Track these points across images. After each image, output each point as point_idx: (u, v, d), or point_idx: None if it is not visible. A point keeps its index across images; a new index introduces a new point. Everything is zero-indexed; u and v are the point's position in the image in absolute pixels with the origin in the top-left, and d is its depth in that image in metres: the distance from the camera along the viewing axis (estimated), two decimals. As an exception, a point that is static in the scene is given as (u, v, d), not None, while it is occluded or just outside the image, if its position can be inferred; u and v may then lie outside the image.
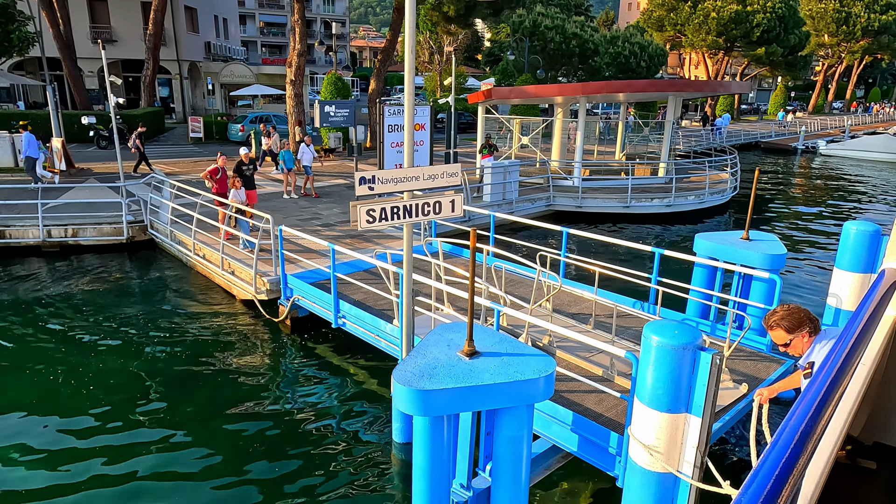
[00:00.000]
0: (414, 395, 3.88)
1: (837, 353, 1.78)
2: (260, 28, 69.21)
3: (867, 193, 23.37)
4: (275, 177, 18.68)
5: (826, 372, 1.65)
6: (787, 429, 1.36)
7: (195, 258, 11.23)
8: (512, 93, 19.14)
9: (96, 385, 7.50)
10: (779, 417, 7.01)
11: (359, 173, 5.24)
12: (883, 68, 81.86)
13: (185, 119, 30.56)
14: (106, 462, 6.00)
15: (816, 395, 1.50)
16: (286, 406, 7.16)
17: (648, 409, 3.84)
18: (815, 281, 12.12)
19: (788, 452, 1.25)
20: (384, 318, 7.53)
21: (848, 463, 3.05)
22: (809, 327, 3.42)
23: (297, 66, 22.32)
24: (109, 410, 6.94)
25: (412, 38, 5.17)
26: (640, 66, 42.19)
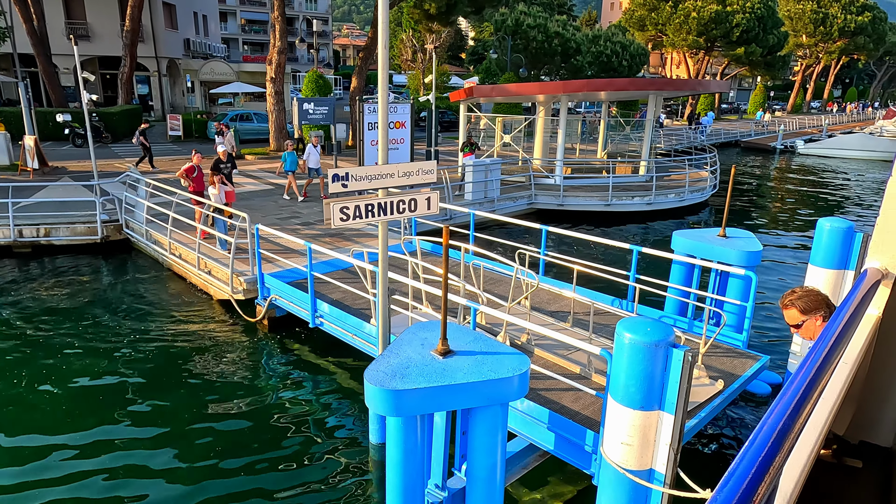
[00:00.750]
0: (386, 395, 3.82)
1: (818, 351, 1.76)
2: (241, 25, 68.49)
3: (844, 192, 23.74)
4: (273, 181, 18.46)
5: (806, 369, 1.64)
6: (766, 426, 1.35)
7: (171, 258, 11.04)
8: (494, 91, 19.12)
9: (67, 388, 7.33)
10: (751, 415, 7.07)
11: (332, 170, 5.16)
12: (859, 68, 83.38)
13: (164, 117, 30.12)
14: (78, 464, 5.85)
15: (796, 393, 1.50)
16: (262, 406, 7.05)
17: (622, 406, 3.82)
18: (790, 277, 12.26)
19: (765, 450, 1.24)
20: (362, 317, 7.46)
21: (834, 462, 3.05)
22: (824, 312, 3.36)
23: (278, 64, 22.10)
24: (81, 412, 6.78)
25: (385, 32, 5.10)
26: (621, 66, 42.46)
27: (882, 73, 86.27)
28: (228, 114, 27.31)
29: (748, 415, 7.08)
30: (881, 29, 62.20)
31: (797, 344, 7.02)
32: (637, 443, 3.79)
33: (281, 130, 23.40)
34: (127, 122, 26.68)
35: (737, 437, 6.69)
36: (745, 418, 7.00)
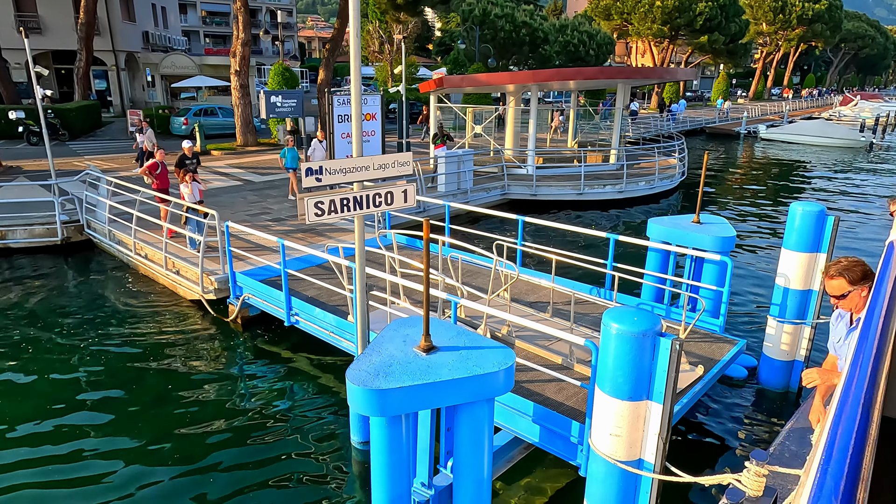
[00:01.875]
0: (369, 395, 3.70)
1: (871, 332, 1.68)
2: (202, 17, 66.75)
3: (806, 175, 24.34)
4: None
5: (865, 354, 1.56)
6: (845, 417, 1.27)
7: (137, 258, 10.66)
8: (464, 81, 18.99)
9: (30, 395, 7.00)
10: (728, 398, 7.15)
11: (305, 164, 4.99)
12: (817, 56, 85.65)
13: (124, 113, 29.15)
14: (43, 471, 5.59)
15: (863, 378, 1.43)
16: (238, 409, 6.85)
17: (609, 397, 3.78)
18: (763, 261, 12.50)
19: (852, 442, 1.17)
20: (339, 314, 7.30)
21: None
22: (870, 284, 3.30)
23: (242, 56, 21.55)
24: (45, 420, 6.48)
25: (357, 21, 4.93)
26: (588, 55, 42.73)
27: (838, 59, 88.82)
28: (192, 108, 26.57)
29: (725, 398, 7.16)
30: (837, 16, 63.94)
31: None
32: (626, 433, 3.76)
33: (247, 125, 22.88)
34: (84, 119, 25.73)
35: (715, 421, 6.76)
36: (723, 402, 7.08)
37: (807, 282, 6.77)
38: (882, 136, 38.33)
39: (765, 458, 3.22)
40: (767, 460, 3.27)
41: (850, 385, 1.38)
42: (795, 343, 7.04)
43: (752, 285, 10.98)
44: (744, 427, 6.63)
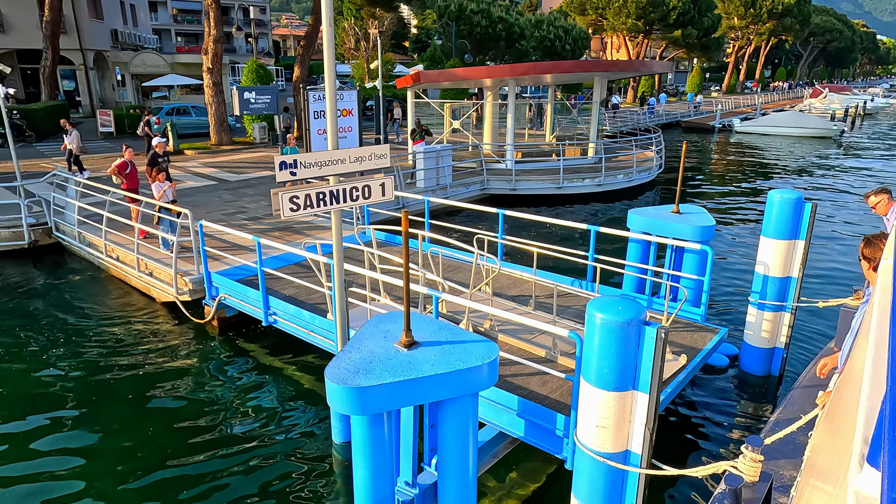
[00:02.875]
0: (349, 393, 3.59)
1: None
2: (174, 15, 65.44)
3: (779, 164, 24.71)
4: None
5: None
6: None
7: (108, 261, 10.36)
8: (441, 76, 18.86)
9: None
10: (713, 388, 7.16)
11: (279, 158, 4.84)
12: (787, 49, 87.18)
13: (94, 113, 28.45)
14: (17, 480, 5.36)
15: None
16: (217, 411, 6.67)
17: (595, 388, 3.71)
18: (743, 250, 12.61)
19: None
20: (318, 312, 7.15)
21: None
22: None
23: (214, 54, 21.13)
24: (14, 426, 6.23)
25: (329, 11, 4.79)
26: (564, 50, 42.88)
27: (808, 53, 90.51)
28: (164, 107, 26.01)
29: (708, 386, 7.18)
30: (806, 11, 65.08)
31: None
32: (612, 425, 3.70)
33: (221, 123, 22.46)
34: (52, 119, 25.03)
35: (699, 409, 6.77)
36: (706, 390, 7.10)
37: (786, 269, 6.81)
38: (851, 127, 39.15)
39: (760, 443, 3.21)
40: (762, 446, 3.27)
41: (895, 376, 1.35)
42: (775, 330, 7.08)
43: (734, 274, 11.07)
44: (727, 415, 6.65)
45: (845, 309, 5.79)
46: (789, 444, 3.92)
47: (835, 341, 6.12)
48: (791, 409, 4.74)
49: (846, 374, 2.94)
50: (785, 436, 3.63)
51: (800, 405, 4.81)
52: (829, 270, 11.24)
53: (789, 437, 3.76)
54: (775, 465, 3.87)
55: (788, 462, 3.98)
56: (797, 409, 4.64)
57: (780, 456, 4.01)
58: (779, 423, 4.34)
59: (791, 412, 4.66)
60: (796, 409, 4.73)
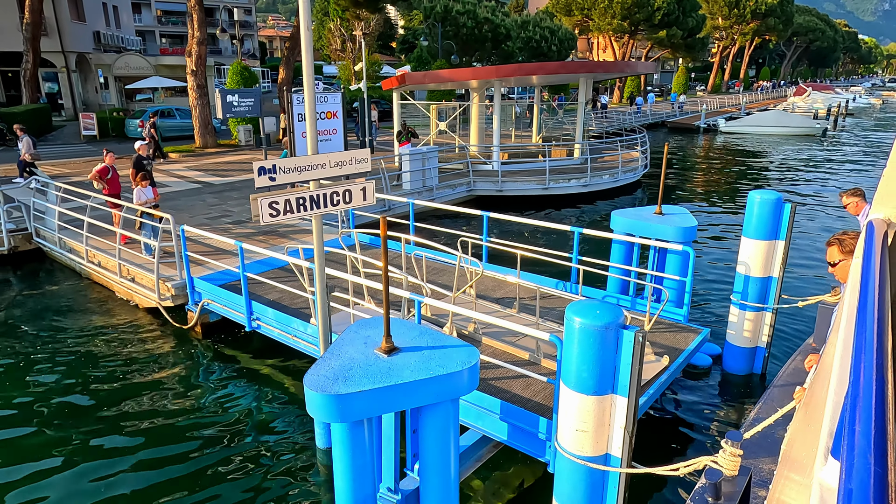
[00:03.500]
0: (328, 400, 3.57)
1: (868, 318, 1.69)
2: (158, 17, 64.89)
3: (765, 163, 24.96)
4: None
5: (867, 339, 1.58)
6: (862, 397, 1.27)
7: (90, 267, 10.24)
8: (426, 77, 18.85)
9: (-27, 417, 6.62)
10: (693, 387, 7.21)
11: (258, 163, 4.80)
12: (771, 49, 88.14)
13: (76, 116, 28.12)
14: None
15: (870, 363, 1.44)
16: (201, 417, 6.61)
17: (574, 392, 3.72)
18: (726, 250, 12.71)
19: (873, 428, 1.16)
20: (301, 317, 7.11)
21: None
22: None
23: (198, 56, 20.98)
24: (-11, 444, 6.14)
25: (307, 13, 4.77)
26: (551, 51, 43.04)
27: (791, 52, 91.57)
28: (148, 110, 25.78)
29: (691, 387, 7.23)
30: (789, 11, 65.87)
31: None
32: (592, 429, 3.70)
33: (206, 126, 22.29)
34: (33, 123, 24.71)
35: (683, 410, 6.81)
36: (689, 390, 7.15)
37: (767, 269, 6.87)
38: (834, 126, 39.64)
39: (739, 438, 3.25)
40: (741, 441, 3.30)
41: (858, 372, 1.39)
42: (757, 330, 7.14)
43: (717, 274, 11.15)
44: (711, 414, 6.70)
45: (823, 306, 5.86)
46: (768, 438, 3.98)
47: (813, 337, 6.19)
48: (770, 405, 4.79)
49: (819, 370, 2.99)
50: (763, 430, 3.68)
51: (779, 400, 4.86)
52: (809, 269, 11.36)
53: (768, 431, 3.81)
54: (755, 460, 3.92)
55: (767, 456, 4.04)
56: (776, 405, 4.69)
57: (759, 450, 4.06)
58: (758, 418, 4.39)
59: (770, 407, 4.71)
60: (775, 404, 4.78)
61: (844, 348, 1.70)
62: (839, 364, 1.66)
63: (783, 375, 5.54)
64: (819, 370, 3.03)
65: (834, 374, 1.67)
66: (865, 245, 2.42)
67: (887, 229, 2.60)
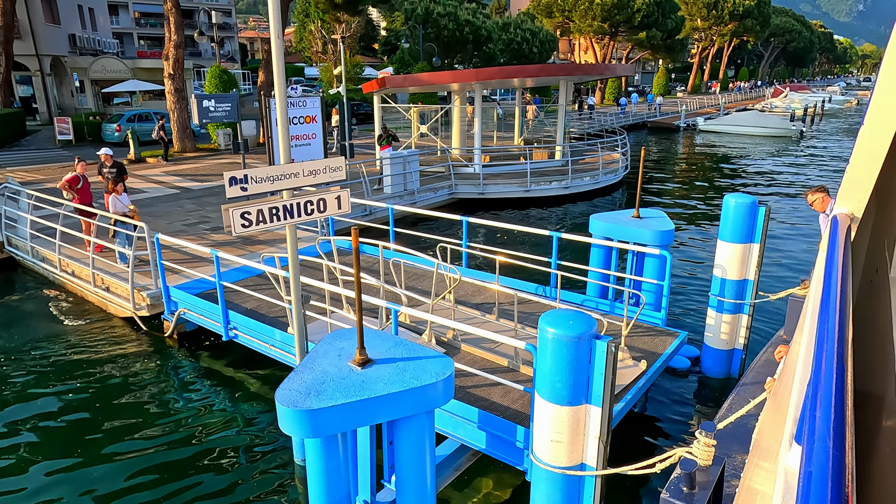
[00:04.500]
0: (300, 416, 3.51)
1: (831, 310, 1.73)
2: (135, 19, 64.04)
3: (742, 165, 25.27)
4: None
5: (829, 329, 1.63)
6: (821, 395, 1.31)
7: (63, 276, 10.04)
8: (406, 81, 18.79)
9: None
10: (675, 391, 7.25)
11: (228, 173, 4.73)
12: (749, 50, 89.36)
13: (52, 120, 27.62)
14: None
15: (832, 354, 1.49)
16: (178, 429, 6.50)
17: (549, 403, 3.70)
18: (705, 252, 12.82)
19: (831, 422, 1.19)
20: (279, 326, 7.03)
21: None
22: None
23: (175, 59, 20.72)
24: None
25: (277, 15, 4.70)
26: (532, 52, 43.21)
27: (769, 53, 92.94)
28: (125, 114, 25.40)
29: (670, 389, 7.26)
30: (766, 12, 66.83)
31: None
32: (567, 439, 3.69)
33: (184, 130, 22.02)
34: (6, 128, 24.22)
35: (661, 412, 6.84)
36: (668, 393, 7.18)
37: (742, 272, 6.93)
38: (811, 126, 40.28)
39: (713, 429, 3.29)
40: (715, 432, 3.34)
41: (819, 359, 1.44)
42: (734, 332, 7.20)
43: (695, 276, 11.24)
44: (689, 417, 6.73)
45: (793, 298, 5.94)
46: (741, 428, 4.04)
47: (784, 329, 6.27)
48: (743, 396, 4.86)
49: (787, 360, 3.04)
50: (736, 421, 3.73)
51: (751, 392, 4.92)
52: (784, 270, 11.50)
53: (740, 422, 3.87)
54: (728, 449, 3.97)
55: (740, 446, 4.10)
56: (748, 396, 4.75)
57: (732, 440, 4.11)
58: (731, 408, 4.45)
59: (743, 399, 4.77)
60: (747, 395, 4.84)
61: (809, 339, 1.75)
62: (804, 354, 1.71)
63: (755, 367, 5.61)
64: (787, 361, 3.08)
65: (799, 363, 1.73)
66: (830, 239, 2.46)
67: (850, 223, 2.65)
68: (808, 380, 1.44)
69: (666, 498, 3.01)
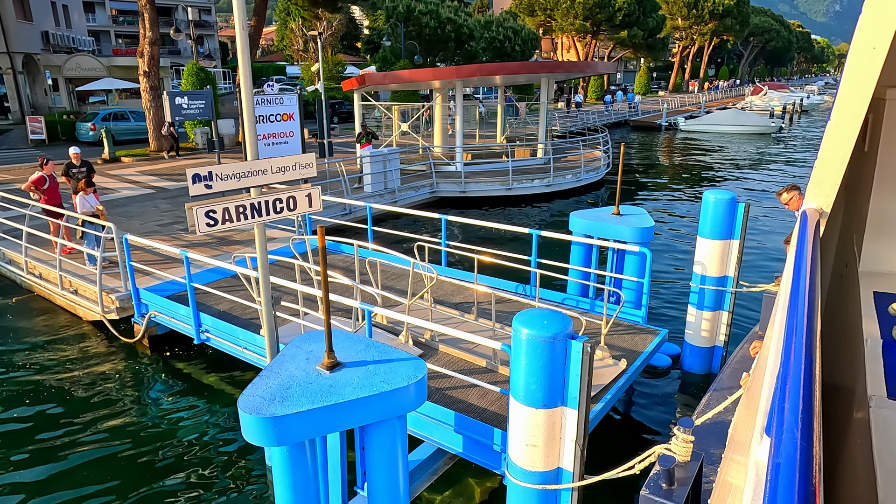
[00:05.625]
0: (262, 424, 3.35)
1: (800, 304, 1.77)
2: (113, 16, 62.88)
3: (723, 162, 25.45)
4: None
5: (798, 323, 1.66)
6: (790, 386, 1.34)
7: (30, 278, 9.72)
8: (386, 78, 18.60)
9: None
10: (655, 388, 7.18)
11: (192, 170, 4.53)
12: (729, 49, 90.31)
13: (24, 119, 26.96)
14: None
15: (800, 346, 1.51)
16: (148, 436, 6.28)
17: (524, 406, 3.58)
18: (686, 249, 12.82)
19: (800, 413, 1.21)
20: (252, 328, 6.83)
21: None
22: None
23: (151, 56, 20.30)
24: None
25: (242, 11, 4.52)
26: (514, 51, 43.20)
27: (748, 52, 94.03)
28: (100, 113, 24.87)
29: (651, 387, 7.19)
30: (745, 11, 67.57)
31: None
32: (542, 443, 3.57)
33: (160, 129, 21.59)
34: (-23, 127, 23.57)
35: (642, 410, 6.76)
36: (649, 390, 7.11)
37: (722, 268, 6.88)
38: (790, 124, 40.76)
39: (691, 424, 3.23)
40: (693, 428, 3.28)
41: (788, 352, 1.45)
42: (715, 329, 7.15)
43: (678, 272, 11.22)
44: (670, 415, 6.66)
45: (767, 294, 5.90)
46: (718, 424, 4.02)
47: (759, 325, 6.25)
48: (720, 392, 4.82)
49: (760, 355, 3.01)
50: (714, 416, 3.71)
51: (727, 387, 4.90)
52: (764, 264, 11.53)
53: (718, 417, 3.85)
54: (706, 445, 3.93)
55: (718, 441, 4.06)
56: (725, 392, 4.72)
57: (710, 435, 4.08)
58: (709, 405, 4.42)
59: (720, 395, 4.74)
60: (724, 391, 4.81)
61: (779, 333, 1.78)
62: (774, 348, 1.74)
63: (731, 363, 5.58)
64: (760, 356, 3.04)
65: (770, 357, 1.75)
66: (799, 234, 2.44)
67: (819, 218, 2.61)
68: (777, 373, 1.45)
69: (646, 495, 2.95)
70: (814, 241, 2.25)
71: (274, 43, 65.59)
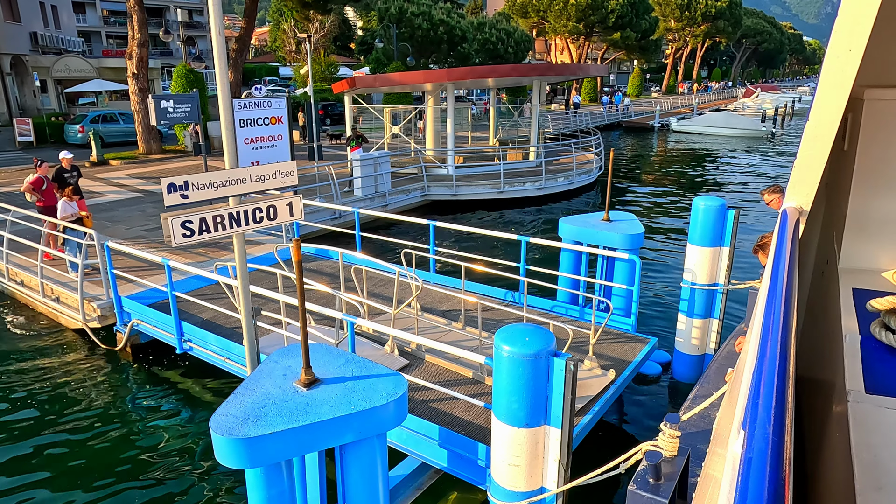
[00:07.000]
0: (235, 445, 3.22)
1: (777, 301, 1.78)
2: (104, 17, 62.48)
3: (714, 165, 25.45)
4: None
5: (775, 318, 1.68)
6: (765, 381, 1.36)
7: (11, 286, 9.54)
8: (377, 80, 18.48)
9: None
10: (645, 397, 7.08)
11: (166, 179, 4.41)
12: (721, 51, 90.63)
13: (12, 121, 26.67)
14: None
15: (776, 341, 1.54)
16: (132, 446, 6.15)
17: (505, 425, 3.47)
18: (677, 256, 12.75)
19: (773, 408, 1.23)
20: (235, 338, 6.70)
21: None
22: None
23: (139, 58, 20.11)
24: None
25: (218, 11, 4.40)
26: (507, 53, 43.16)
27: (741, 54, 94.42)
28: (89, 114, 24.62)
29: (640, 396, 7.10)
30: (737, 13, 67.82)
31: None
32: (525, 463, 3.46)
33: (149, 131, 21.39)
34: (-37, 129, 23.28)
35: (632, 419, 6.67)
36: (639, 399, 7.02)
37: (712, 276, 6.79)
38: (781, 126, 40.88)
39: (677, 420, 3.18)
40: (679, 423, 3.22)
41: (764, 349, 1.48)
42: (705, 337, 7.07)
43: (666, 280, 11.15)
44: (659, 423, 6.56)
45: (753, 291, 5.84)
46: (704, 419, 3.99)
47: (745, 321, 6.19)
48: (706, 388, 4.77)
49: (743, 351, 2.98)
50: (700, 412, 3.69)
51: (714, 383, 4.85)
52: (754, 273, 11.47)
53: (704, 413, 3.83)
54: (693, 440, 3.89)
55: (704, 436, 4.03)
56: (711, 387, 4.68)
57: (697, 431, 4.03)
58: (695, 400, 4.37)
59: (706, 390, 4.69)
60: (711, 386, 4.76)
61: (756, 329, 1.79)
62: (753, 345, 1.76)
63: (718, 359, 5.52)
64: (742, 352, 3.02)
65: (750, 353, 1.77)
66: (779, 232, 2.42)
67: (799, 217, 2.58)
68: (753, 370, 1.48)
69: (633, 490, 2.92)
70: (793, 240, 2.22)
71: (267, 44, 65.31)
